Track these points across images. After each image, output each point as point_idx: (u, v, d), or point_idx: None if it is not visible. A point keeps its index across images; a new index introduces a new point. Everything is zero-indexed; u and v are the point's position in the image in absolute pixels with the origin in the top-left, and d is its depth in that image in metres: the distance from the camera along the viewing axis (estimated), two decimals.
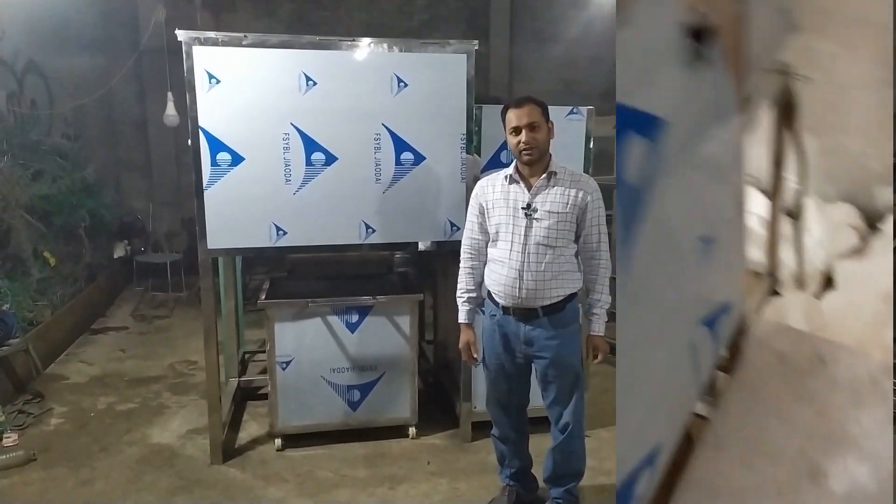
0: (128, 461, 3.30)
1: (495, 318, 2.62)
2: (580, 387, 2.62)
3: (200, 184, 2.96)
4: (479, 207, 2.62)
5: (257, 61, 2.93)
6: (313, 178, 3.07)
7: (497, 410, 2.79)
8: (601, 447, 3.35)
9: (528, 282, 2.47)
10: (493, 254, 2.59)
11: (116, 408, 3.97)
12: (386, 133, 3.11)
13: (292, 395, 3.33)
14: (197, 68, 2.86)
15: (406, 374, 3.44)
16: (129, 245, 6.95)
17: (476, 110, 3.22)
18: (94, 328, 5.61)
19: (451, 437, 3.52)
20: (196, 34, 2.85)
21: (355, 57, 3.04)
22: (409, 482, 3.12)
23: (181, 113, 5.76)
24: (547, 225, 2.46)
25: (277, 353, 3.28)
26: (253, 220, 3.05)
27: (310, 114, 3.01)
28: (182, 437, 3.57)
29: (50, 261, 5.06)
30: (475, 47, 3.13)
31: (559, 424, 2.63)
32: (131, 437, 3.57)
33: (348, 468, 3.22)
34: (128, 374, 4.54)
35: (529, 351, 2.58)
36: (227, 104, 2.92)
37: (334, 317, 3.31)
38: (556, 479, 2.72)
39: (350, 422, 3.43)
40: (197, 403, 3.96)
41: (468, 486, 3.09)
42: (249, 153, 2.98)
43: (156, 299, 6.47)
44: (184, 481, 3.11)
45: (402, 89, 3.08)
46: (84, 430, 3.65)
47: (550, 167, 2.50)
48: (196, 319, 4.42)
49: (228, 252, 3.30)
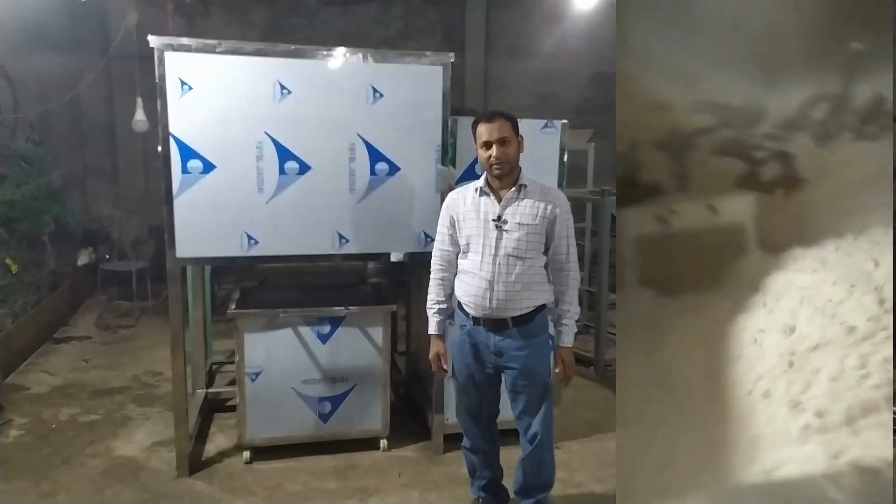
0: (91, 474, 3.22)
1: (465, 328, 2.63)
2: (549, 397, 2.64)
3: (170, 191, 2.92)
4: (450, 219, 2.64)
5: (231, 69, 2.91)
6: (287, 188, 3.05)
7: (467, 420, 2.79)
8: (571, 459, 3.37)
9: (498, 292, 2.49)
10: (464, 265, 2.60)
11: (79, 419, 3.86)
12: (361, 143, 3.10)
13: (261, 407, 3.28)
14: (169, 74, 2.83)
15: (378, 386, 3.42)
16: (94, 252, 6.81)
17: (451, 122, 3.23)
18: (57, 337, 5.47)
19: (423, 449, 3.51)
20: (169, 40, 2.82)
21: (331, 66, 3.03)
22: (380, 494, 3.09)
23: (151, 119, 5.67)
24: (517, 237, 2.49)
25: (247, 364, 3.23)
26: (224, 229, 3.02)
27: (284, 122, 3.00)
28: (147, 449, 3.49)
29: (12, 268, 4.93)
30: (451, 59, 3.15)
31: (528, 435, 2.65)
32: (94, 449, 3.48)
33: (318, 481, 3.18)
34: (91, 384, 4.43)
35: (499, 361, 2.59)
36: (200, 111, 2.89)
37: (306, 327, 3.28)
38: (527, 491, 2.73)
39: (321, 434, 3.40)
40: (162, 415, 3.88)
41: (439, 498, 3.07)
42: (221, 161, 2.95)
43: (121, 308, 6.34)
44: (149, 494, 3.05)
45: (377, 100, 3.08)
46: (45, 442, 3.55)
47: (521, 180, 2.53)
48: (162, 329, 4.35)
49: (198, 261, 3.26)
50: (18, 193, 5.12)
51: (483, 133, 2.49)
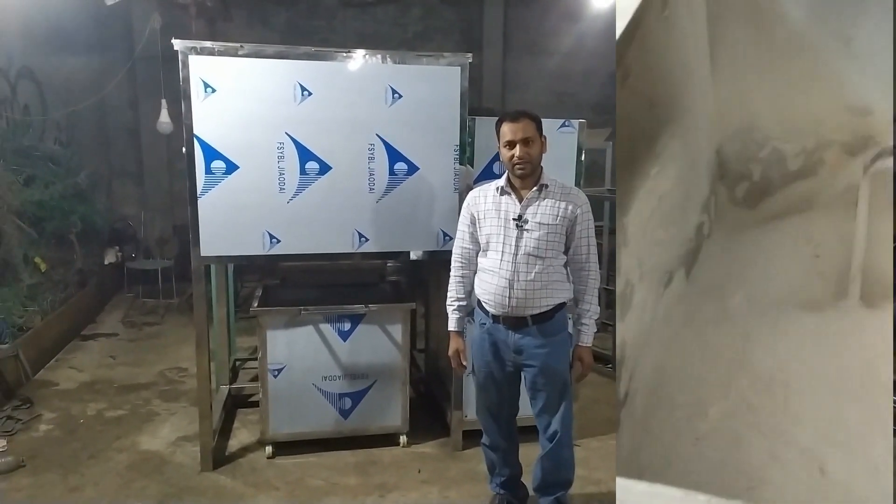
0: (117, 468, 3.30)
1: (485, 326, 2.65)
2: (569, 395, 2.65)
3: (195, 191, 2.98)
4: (470, 217, 2.66)
5: (253, 71, 2.96)
6: (307, 187, 3.10)
7: (487, 419, 2.81)
8: (590, 456, 3.38)
9: (517, 291, 2.50)
10: (484, 263, 2.62)
11: (106, 414, 3.95)
12: (380, 143, 3.14)
13: (283, 403, 3.34)
14: (192, 77, 2.88)
15: (397, 383, 3.46)
16: (120, 251, 6.93)
17: (469, 122, 3.26)
18: (85, 334, 5.59)
19: (442, 445, 3.54)
20: (192, 43, 2.88)
21: (350, 68, 3.07)
22: (400, 490, 3.13)
23: (175, 121, 5.77)
24: (537, 236, 2.50)
25: (269, 360, 3.28)
26: (246, 228, 3.07)
27: (304, 123, 3.04)
28: (172, 444, 3.56)
29: (41, 266, 5.05)
30: (469, 60, 3.18)
31: (548, 433, 2.66)
32: (121, 443, 3.56)
33: (339, 476, 3.23)
34: (118, 380, 4.53)
35: (519, 359, 2.60)
36: (223, 113, 2.94)
37: (326, 325, 3.32)
38: (546, 488, 2.74)
39: (341, 429, 3.44)
40: (187, 410, 3.96)
41: (458, 494, 3.10)
42: (244, 161, 3.01)
43: (146, 306, 6.46)
44: (173, 488, 3.11)
45: (396, 100, 3.12)
46: (73, 437, 3.64)
47: (542, 180, 2.54)
48: (186, 326, 4.42)
49: (221, 259, 3.31)
50: (47, 194, 5.24)
51: (507, 133, 2.50)
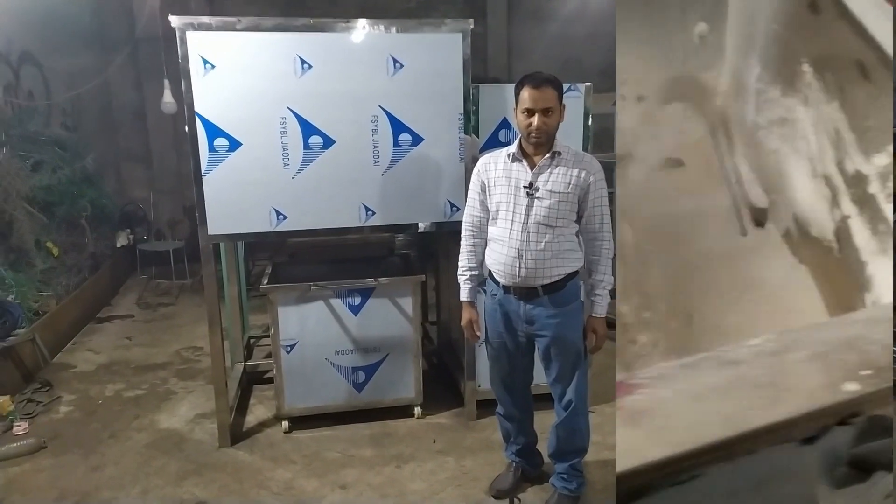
0: (137, 447, 3.35)
1: (496, 297, 2.63)
2: (583, 364, 2.63)
3: (199, 170, 2.96)
4: (480, 184, 2.61)
5: (252, 45, 2.91)
6: (312, 162, 3.07)
7: (501, 389, 2.81)
8: (604, 423, 3.38)
9: (527, 261, 2.47)
10: (493, 232, 2.58)
11: (124, 395, 4.01)
12: (383, 115, 3.10)
13: (298, 378, 3.36)
14: (191, 54, 2.85)
15: (410, 355, 3.47)
16: (131, 234, 6.96)
17: (473, 90, 3.20)
18: (100, 317, 5.65)
19: (457, 415, 3.56)
20: (189, 19, 2.83)
21: (351, 39, 3.02)
22: (416, 461, 3.15)
23: (179, 100, 5.73)
24: (548, 204, 2.44)
25: (281, 336, 3.30)
26: (252, 205, 3.06)
27: (306, 97, 3.00)
28: (190, 421, 3.61)
29: (53, 251, 5.08)
30: (471, 26, 3.10)
31: (562, 402, 2.65)
32: (140, 423, 3.61)
33: (355, 448, 3.26)
34: (134, 361, 4.58)
35: (531, 329, 2.59)
36: (223, 89, 2.91)
37: (337, 300, 3.32)
38: (561, 455, 2.75)
39: (356, 403, 3.47)
40: (204, 388, 4.00)
41: (474, 463, 3.12)
42: (247, 138, 2.98)
43: (160, 287, 6.51)
44: (193, 465, 3.16)
45: (398, 70, 3.06)
46: (93, 417, 3.69)
47: (555, 147, 2.47)
48: (200, 306, 4.44)
49: (229, 238, 3.31)
50: (55, 179, 5.24)
51: (527, 99, 2.39)
